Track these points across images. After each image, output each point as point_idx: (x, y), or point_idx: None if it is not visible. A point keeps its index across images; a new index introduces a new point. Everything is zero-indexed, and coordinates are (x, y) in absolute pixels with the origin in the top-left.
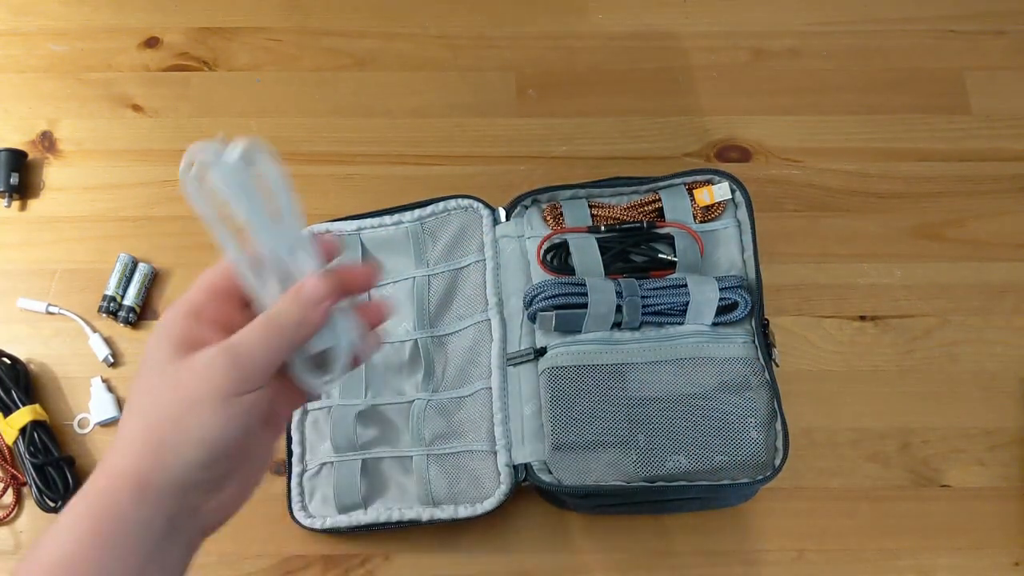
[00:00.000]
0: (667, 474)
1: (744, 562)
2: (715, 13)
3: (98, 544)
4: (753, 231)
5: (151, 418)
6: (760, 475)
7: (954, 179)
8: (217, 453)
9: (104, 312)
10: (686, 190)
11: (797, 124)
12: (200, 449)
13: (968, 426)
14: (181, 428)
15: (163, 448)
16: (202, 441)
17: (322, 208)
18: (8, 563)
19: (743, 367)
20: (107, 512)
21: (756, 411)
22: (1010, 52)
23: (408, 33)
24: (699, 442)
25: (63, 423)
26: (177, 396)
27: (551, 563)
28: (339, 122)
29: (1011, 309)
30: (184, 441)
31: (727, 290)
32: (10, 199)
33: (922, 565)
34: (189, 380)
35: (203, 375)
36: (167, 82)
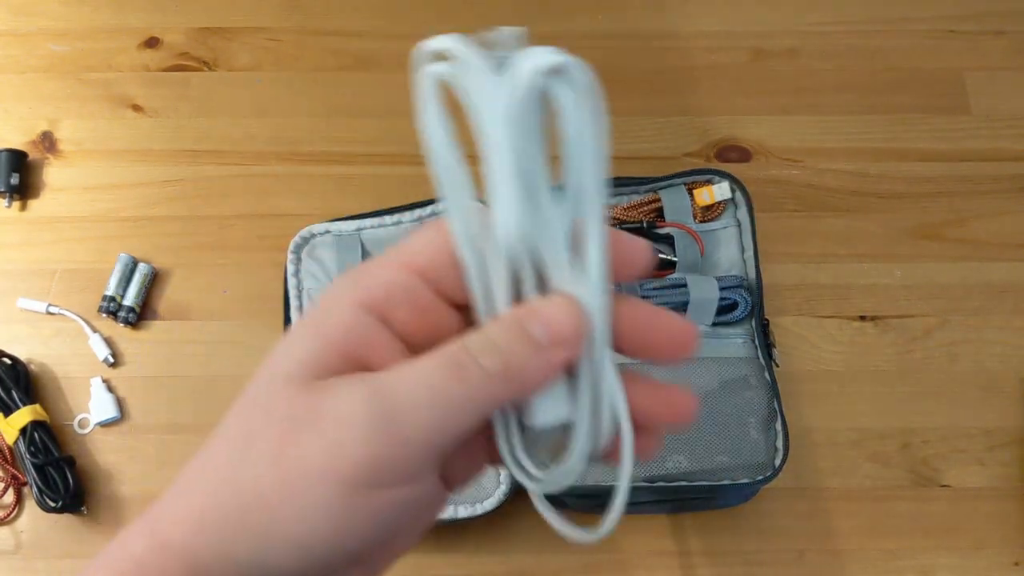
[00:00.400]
0: (667, 474)
1: (744, 562)
2: (715, 13)
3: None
4: (753, 231)
5: (233, 482)
6: (760, 475)
7: (954, 179)
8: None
9: (104, 312)
10: (686, 190)
11: (797, 124)
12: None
13: (968, 426)
14: (273, 517)
15: (237, 535)
16: (300, 546)
17: (322, 208)
18: (8, 563)
19: (743, 367)
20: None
21: (756, 411)
22: (1010, 52)
23: (408, 33)
24: (699, 442)
25: (63, 423)
26: (279, 462)
27: (551, 563)
28: (339, 122)
29: (1011, 309)
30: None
31: (727, 290)
32: (10, 199)
33: (922, 565)
34: (303, 441)
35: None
36: (167, 82)
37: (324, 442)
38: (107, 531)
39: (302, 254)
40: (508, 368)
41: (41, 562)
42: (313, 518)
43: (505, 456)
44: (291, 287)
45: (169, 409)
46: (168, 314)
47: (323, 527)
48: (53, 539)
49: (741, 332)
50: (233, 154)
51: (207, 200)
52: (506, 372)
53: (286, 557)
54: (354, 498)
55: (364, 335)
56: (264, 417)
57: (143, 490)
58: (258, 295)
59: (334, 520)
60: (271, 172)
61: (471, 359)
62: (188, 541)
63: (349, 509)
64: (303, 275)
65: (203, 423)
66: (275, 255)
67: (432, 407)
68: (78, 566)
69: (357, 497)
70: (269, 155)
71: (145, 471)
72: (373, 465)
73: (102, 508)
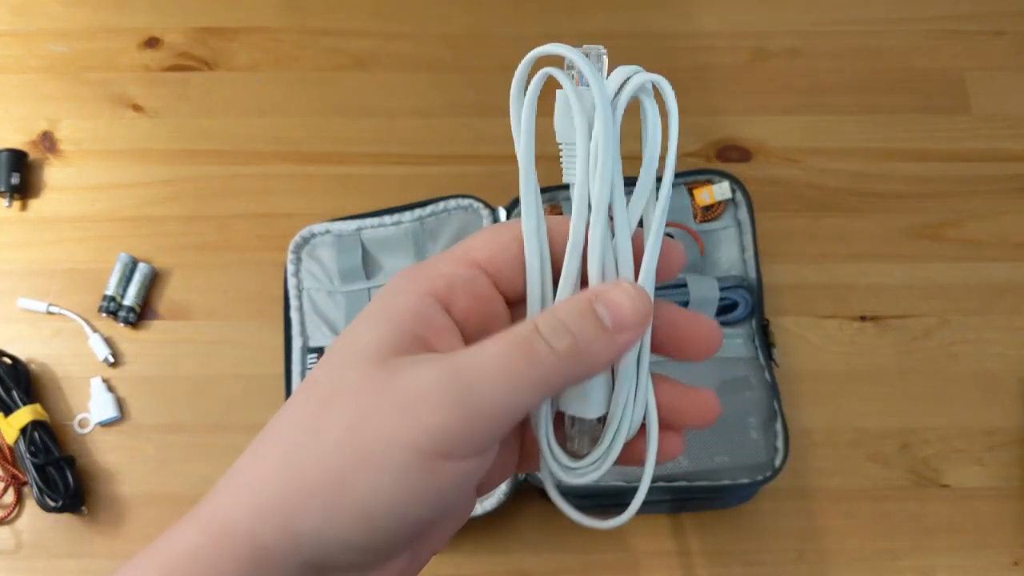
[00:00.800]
0: (667, 474)
1: (744, 562)
2: (715, 13)
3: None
4: (753, 231)
5: (302, 457)
6: (760, 475)
7: (954, 179)
8: (385, 535)
9: (104, 312)
10: (686, 190)
11: (797, 124)
12: (360, 526)
13: (968, 426)
14: (342, 488)
15: (302, 510)
16: (368, 516)
17: (322, 208)
18: (8, 563)
19: (743, 367)
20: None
21: (756, 411)
22: (1010, 52)
23: (408, 33)
24: (699, 442)
25: (63, 423)
26: (354, 434)
27: (551, 563)
28: (339, 122)
29: (1011, 309)
30: (340, 509)
31: (727, 290)
32: (10, 199)
33: (922, 565)
34: (380, 413)
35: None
36: (167, 82)
37: (401, 413)
38: (107, 531)
39: (302, 254)
40: (576, 349)
41: (41, 562)
42: (385, 486)
43: (543, 445)
44: (291, 287)
45: (169, 409)
46: (168, 314)
47: (392, 495)
48: (53, 539)
49: (741, 332)
50: (233, 154)
51: (207, 200)
52: (574, 353)
53: (348, 529)
54: (426, 467)
55: (429, 319)
56: (336, 394)
57: (143, 490)
58: (258, 295)
59: (404, 488)
60: (271, 172)
61: (542, 341)
62: (249, 524)
63: (420, 478)
64: (303, 275)
65: (203, 423)
66: (275, 255)
67: (505, 384)
68: (78, 566)
69: (429, 466)
70: (269, 155)
71: (145, 471)
72: (448, 436)
73: (102, 508)
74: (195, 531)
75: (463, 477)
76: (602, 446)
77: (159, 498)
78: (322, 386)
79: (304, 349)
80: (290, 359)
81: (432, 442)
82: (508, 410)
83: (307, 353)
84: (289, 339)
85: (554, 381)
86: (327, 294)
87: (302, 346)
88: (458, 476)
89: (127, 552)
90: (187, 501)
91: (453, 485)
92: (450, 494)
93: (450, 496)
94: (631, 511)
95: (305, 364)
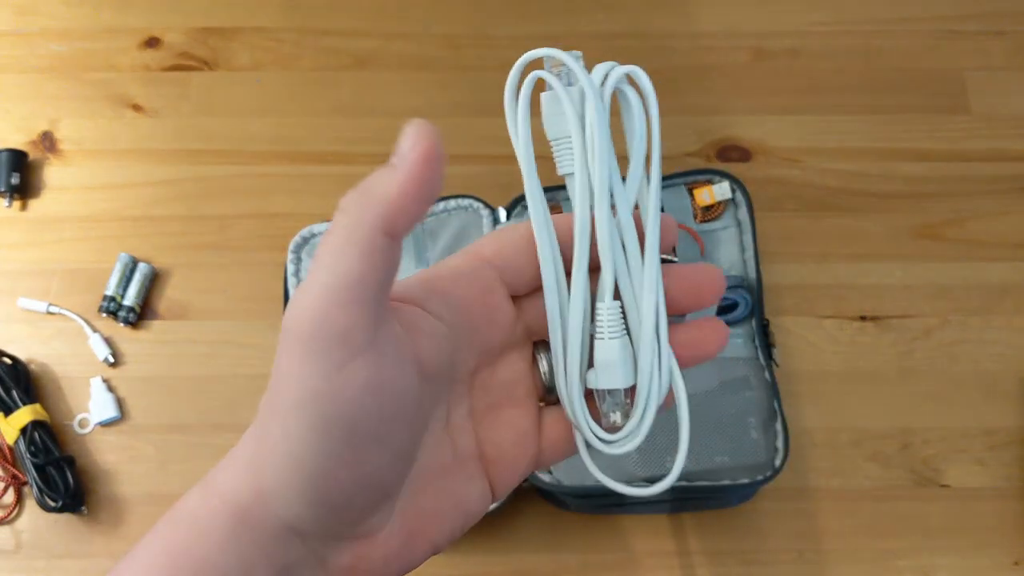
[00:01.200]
0: (667, 474)
1: (744, 562)
2: (715, 13)
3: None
4: (753, 231)
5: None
6: (760, 475)
7: (954, 179)
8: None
9: (104, 312)
10: (686, 190)
11: (797, 124)
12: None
13: (968, 426)
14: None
15: (264, 467)
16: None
17: (322, 208)
18: (8, 563)
19: (743, 367)
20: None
21: (756, 411)
22: (1010, 52)
23: (408, 33)
24: (699, 442)
25: (63, 423)
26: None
27: (551, 563)
28: (339, 122)
29: (1011, 309)
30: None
31: (727, 290)
32: (11, 199)
33: (922, 565)
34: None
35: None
36: (167, 82)
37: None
38: (107, 531)
39: (302, 254)
40: (362, 190)
41: (41, 562)
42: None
43: (579, 420)
44: (291, 287)
45: (169, 409)
46: (168, 314)
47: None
48: (53, 539)
49: (741, 332)
50: (233, 154)
51: (207, 200)
52: (362, 192)
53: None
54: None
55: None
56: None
57: (143, 490)
58: (258, 295)
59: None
60: (271, 172)
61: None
62: (232, 486)
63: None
64: (303, 275)
65: (203, 423)
66: (275, 255)
67: (329, 254)
68: (78, 566)
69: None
70: (269, 155)
71: (145, 471)
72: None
73: (102, 508)
74: (196, 493)
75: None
76: (635, 416)
77: (159, 498)
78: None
79: None
80: None
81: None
82: (341, 278)
83: None
84: None
85: (362, 234)
86: None
87: None
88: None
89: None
90: None
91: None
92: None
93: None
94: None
95: None
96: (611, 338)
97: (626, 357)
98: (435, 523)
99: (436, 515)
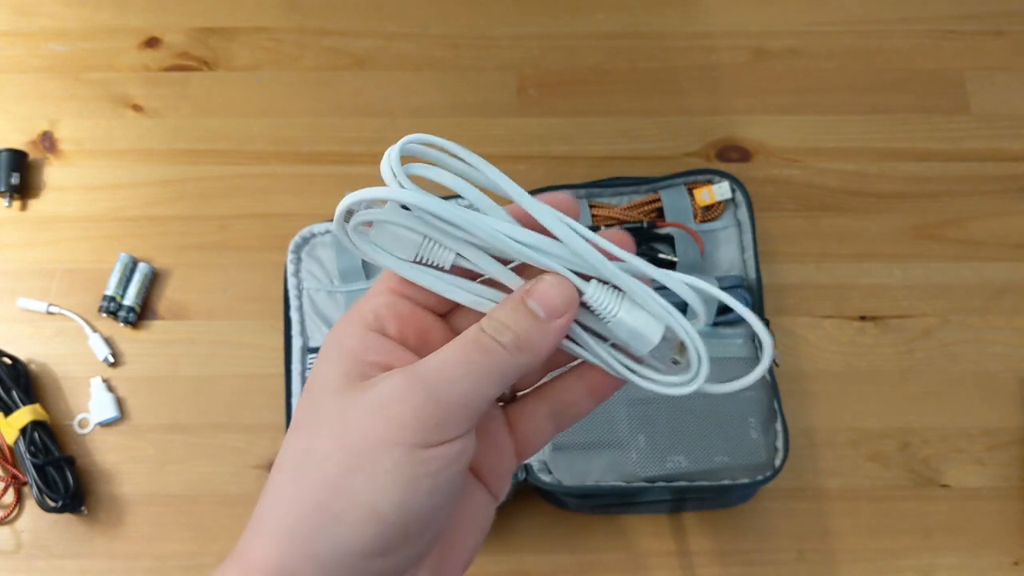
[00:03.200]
0: (667, 474)
1: (744, 562)
2: (715, 13)
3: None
4: (753, 231)
5: (304, 481)
6: (760, 475)
7: (954, 179)
8: (397, 531)
9: (104, 312)
10: (686, 190)
11: (797, 124)
12: (370, 526)
13: (968, 426)
14: (344, 494)
15: (315, 531)
16: (373, 513)
17: (322, 208)
18: (8, 563)
19: (743, 367)
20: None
21: (756, 411)
22: (1010, 52)
23: (408, 33)
24: (699, 442)
25: (63, 423)
26: (342, 445)
27: (551, 563)
28: (339, 122)
29: (1011, 309)
30: (347, 515)
31: (727, 290)
32: (10, 199)
33: (922, 565)
34: (360, 422)
35: (381, 414)
36: (167, 82)
37: (377, 414)
38: (107, 531)
39: (302, 254)
40: (519, 342)
41: (41, 562)
42: (380, 481)
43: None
44: (291, 287)
45: (169, 409)
46: (168, 314)
47: (389, 487)
48: (53, 539)
49: (741, 332)
50: (233, 154)
51: (207, 200)
52: (519, 345)
53: (360, 532)
54: (412, 457)
55: (377, 346)
56: (319, 420)
57: (143, 490)
58: (258, 295)
59: (397, 479)
60: (271, 172)
61: (490, 339)
62: (277, 560)
63: (409, 466)
64: (303, 275)
65: (203, 423)
66: (275, 255)
67: (465, 373)
68: (78, 566)
69: (414, 455)
70: (269, 155)
71: (145, 471)
72: (420, 425)
73: (102, 508)
74: (232, 572)
75: (447, 461)
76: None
77: (159, 498)
78: (306, 419)
79: (304, 349)
80: (290, 359)
81: (409, 433)
82: (471, 396)
83: (307, 353)
84: (289, 339)
85: (509, 370)
86: (327, 294)
87: (302, 346)
88: (442, 460)
89: (127, 552)
90: (187, 501)
91: (441, 469)
92: (442, 479)
93: (443, 481)
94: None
95: (305, 364)
96: (616, 313)
97: (637, 316)
98: (460, 549)
99: (459, 542)
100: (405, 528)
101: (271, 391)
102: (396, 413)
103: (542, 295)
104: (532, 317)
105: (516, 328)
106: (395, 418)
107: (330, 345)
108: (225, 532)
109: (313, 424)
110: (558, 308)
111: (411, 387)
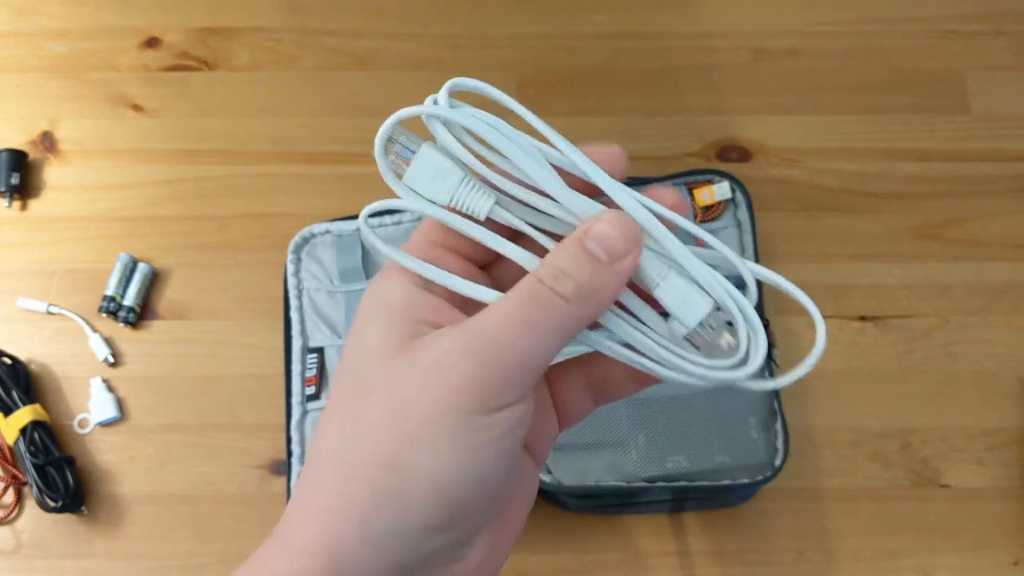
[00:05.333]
0: (667, 474)
1: (744, 562)
2: (715, 13)
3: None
4: (753, 231)
5: (353, 458)
6: (760, 475)
7: (954, 179)
8: (461, 504)
9: (104, 312)
10: (686, 190)
11: (797, 124)
12: (432, 502)
13: (968, 426)
14: (400, 470)
15: (373, 508)
16: (435, 488)
17: (322, 208)
18: (8, 563)
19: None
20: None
21: (756, 411)
22: (1010, 52)
23: (408, 33)
24: (699, 442)
25: (63, 423)
26: (395, 416)
27: (551, 563)
28: (340, 122)
29: (1011, 309)
30: (406, 492)
31: None
32: (10, 199)
33: (922, 565)
34: (413, 389)
35: (435, 379)
36: (167, 82)
37: (432, 382)
38: (107, 531)
39: (302, 254)
40: (581, 290)
41: (41, 562)
42: (442, 452)
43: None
44: (291, 287)
45: (169, 409)
46: (168, 314)
47: (453, 460)
48: (53, 539)
49: None
50: (233, 154)
51: (207, 200)
52: (581, 294)
53: (424, 507)
54: (473, 424)
55: (423, 301)
56: (366, 389)
57: (143, 490)
58: (258, 295)
59: (461, 449)
60: (271, 172)
61: (549, 290)
62: (320, 535)
63: (472, 435)
64: (303, 275)
65: (203, 423)
66: (275, 255)
67: (524, 331)
68: (78, 566)
69: (476, 422)
70: (269, 155)
71: (145, 471)
72: (480, 389)
73: (102, 508)
74: (273, 554)
75: (510, 426)
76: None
77: (159, 498)
78: (349, 389)
79: (304, 349)
80: (290, 359)
81: (468, 399)
82: (532, 356)
83: (307, 353)
84: (289, 339)
85: (571, 324)
86: (327, 294)
87: (302, 346)
88: (505, 426)
89: (127, 552)
90: (187, 501)
91: (504, 435)
92: (506, 445)
93: (506, 448)
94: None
95: (305, 364)
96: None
97: (688, 282)
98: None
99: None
100: (470, 501)
101: (271, 391)
102: (453, 377)
103: (601, 235)
104: (594, 261)
105: (577, 275)
106: (453, 383)
107: (370, 304)
108: (225, 532)
109: (358, 394)
110: (620, 249)
111: (467, 348)
